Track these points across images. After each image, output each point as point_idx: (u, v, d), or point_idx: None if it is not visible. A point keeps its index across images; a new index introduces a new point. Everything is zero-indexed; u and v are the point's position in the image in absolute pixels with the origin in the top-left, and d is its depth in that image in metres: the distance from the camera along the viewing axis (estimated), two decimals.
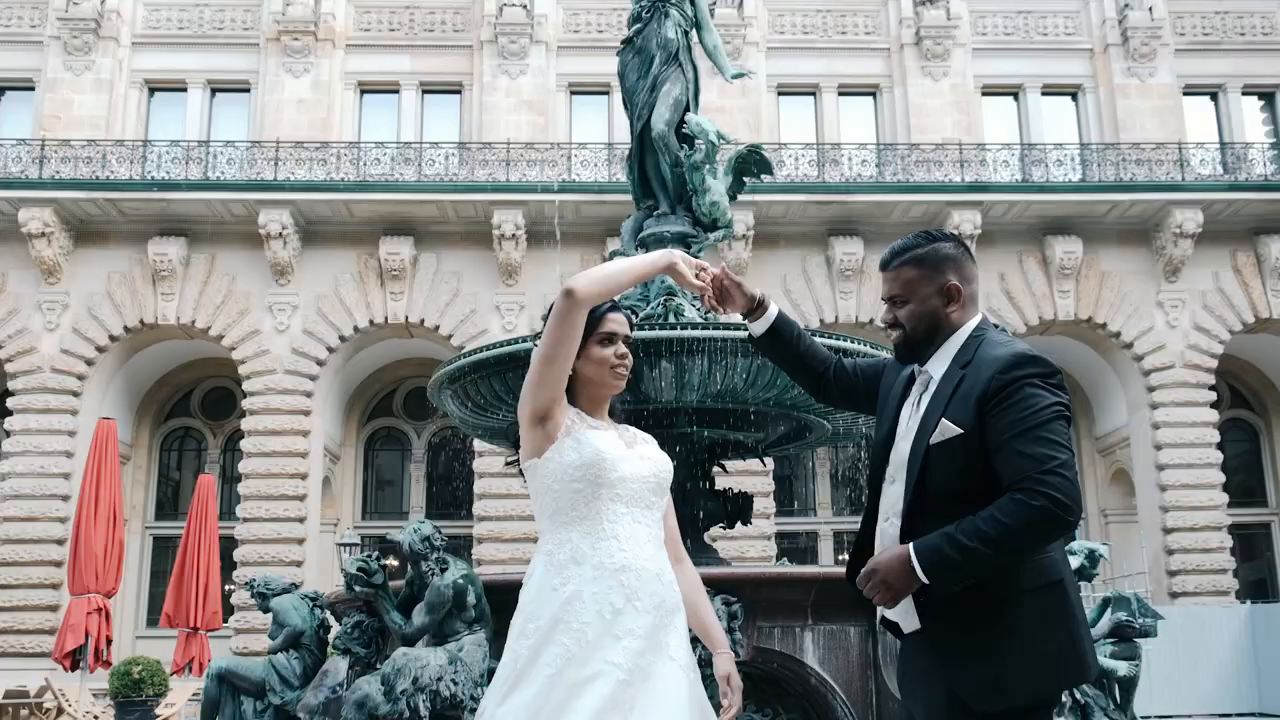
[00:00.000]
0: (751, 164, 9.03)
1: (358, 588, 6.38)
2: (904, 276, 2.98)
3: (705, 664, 6.33)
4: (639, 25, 9.16)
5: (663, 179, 8.90)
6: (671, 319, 7.85)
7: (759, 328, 3.33)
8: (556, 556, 2.90)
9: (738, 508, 8.43)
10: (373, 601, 6.57)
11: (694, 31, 9.34)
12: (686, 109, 8.96)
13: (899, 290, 2.99)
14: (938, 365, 2.94)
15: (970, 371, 2.81)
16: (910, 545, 2.69)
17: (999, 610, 2.69)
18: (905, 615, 2.84)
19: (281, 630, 7.97)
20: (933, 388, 2.91)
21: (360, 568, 6.33)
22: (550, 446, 2.95)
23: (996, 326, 2.98)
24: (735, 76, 9.70)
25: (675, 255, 3.06)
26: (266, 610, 8.25)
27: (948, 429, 2.77)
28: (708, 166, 8.72)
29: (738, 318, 8.67)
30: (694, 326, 7.47)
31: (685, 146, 8.80)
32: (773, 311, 3.32)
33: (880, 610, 2.90)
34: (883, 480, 2.97)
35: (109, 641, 14.36)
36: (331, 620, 8.16)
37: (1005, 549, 2.60)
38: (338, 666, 7.09)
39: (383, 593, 6.47)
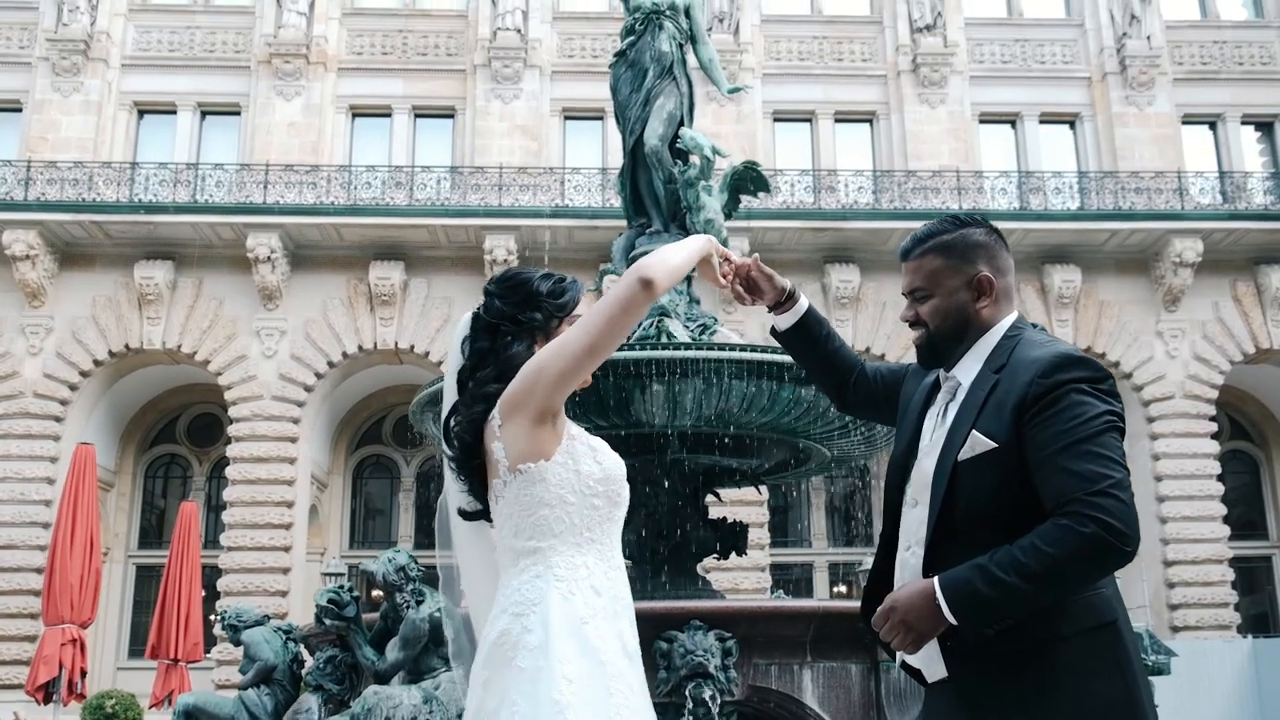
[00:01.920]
0: (748, 181, 8.76)
1: (328, 620, 6.02)
2: (927, 266, 2.59)
3: (700, 703, 5.97)
4: (632, 38, 8.90)
5: (656, 196, 8.63)
6: (664, 339, 7.53)
7: (785, 322, 2.98)
8: (575, 584, 2.46)
9: (732, 537, 8.10)
10: (345, 635, 6.20)
11: (689, 45, 9.08)
12: (681, 123, 8.69)
13: (921, 282, 2.60)
14: (966, 369, 2.55)
15: (1005, 376, 2.43)
16: (935, 579, 2.30)
17: (1040, 656, 2.30)
18: (929, 661, 2.43)
19: (253, 664, 7.60)
20: (961, 395, 2.52)
21: (331, 599, 5.97)
22: (557, 449, 2.51)
23: (1034, 325, 2.60)
24: (732, 91, 9.46)
25: (713, 244, 2.74)
26: (238, 643, 7.88)
27: (979, 442, 2.38)
28: (702, 183, 8.44)
29: (736, 337, 8.33)
30: (686, 347, 7.16)
31: (679, 162, 8.53)
32: (802, 305, 2.97)
33: (899, 654, 2.49)
34: (902, 502, 2.58)
35: (83, 674, 13.94)
36: (306, 654, 7.79)
37: (1049, 584, 2.22)
38: (309, 704, 6.72)
39: (355, 626, 6.11)
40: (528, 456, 2.50)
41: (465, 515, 2.71)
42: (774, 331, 3.04)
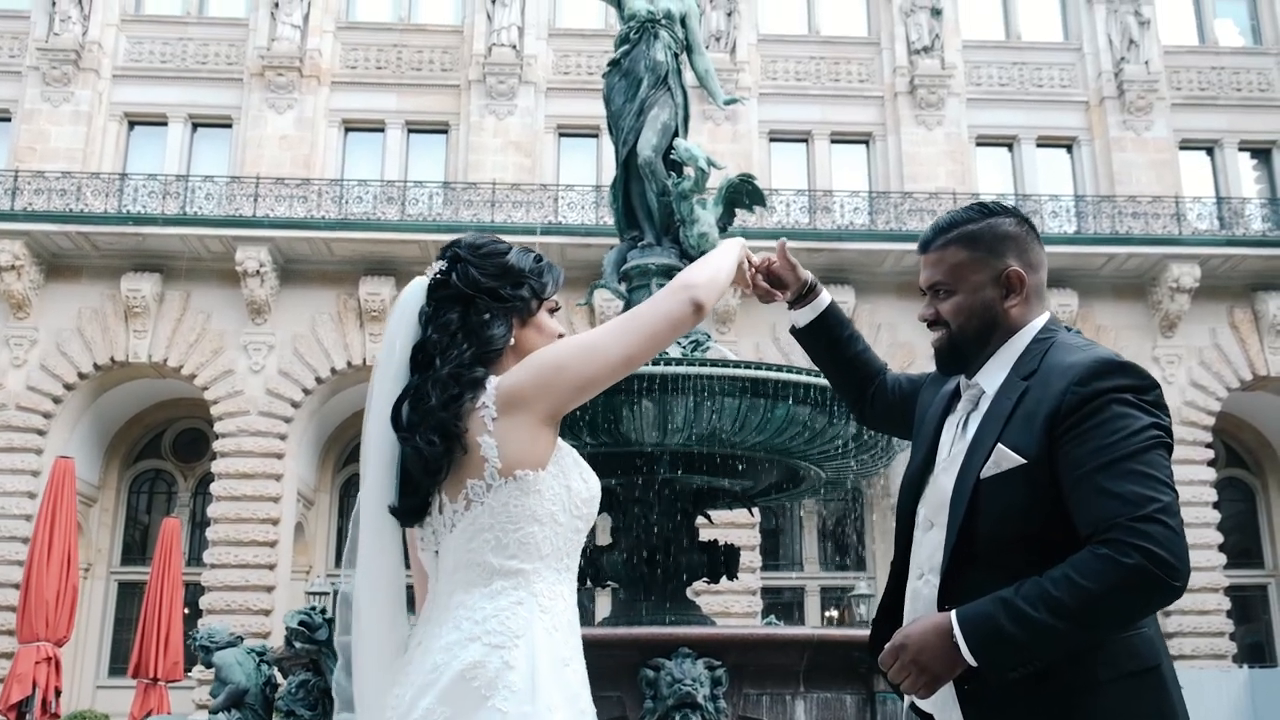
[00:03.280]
0: (743, 194, 8.54)
1: (298, 643, 5.74)
2: (950, 259, 2.31)
3: None
4: (627, 47, 8.71)
5: (648, 208, 8.42)
6: None
7: (804, 318, 2.73)
8: (557, 617, 2.17)
9: (724, 561, 7.85)
10: (317, 659, 5.93)
11: (684, 55, 8.88)
12: (675, 135, 8.48)
13: (943, 276, 2.32)
14: (991, 376, 2.27)
15: (1036, 384, 2.15)
16: (952, 614, 2.01)
17: (1071, 704, 2.02)
18: (942, 707, 2.14)
19: (224, 687, 7.32)
20: (984, 405, 2.24)
21: (302, 621, 5.70)
22: (551, 459, 2.21)
23: (1069, 328, 2.33)
24: (728, 103, 9.28)
25: (745, 248, 2.55)
26: (210, 665, 7.61)
27: (1005, 458, 2.10)
28: (696, 196, 8.22)
29: (729, 353, 8.08)
30: (678, 363, 6.93)
31: (673, 174, 8.32)
32: (824, 300, 2.72)
33: (909, 697, 2.19)
34: (915, 524, 2.30)
35: (58, 693, 13.62)
36: (279, 677, 7.52)
37: (1084, 622, 1.94)
38: None
39: (327, 649, 5.83)
40: (525, 461, 2.18)
41: (401, 515, 2.30)
42: (793, 330, 2.79)
